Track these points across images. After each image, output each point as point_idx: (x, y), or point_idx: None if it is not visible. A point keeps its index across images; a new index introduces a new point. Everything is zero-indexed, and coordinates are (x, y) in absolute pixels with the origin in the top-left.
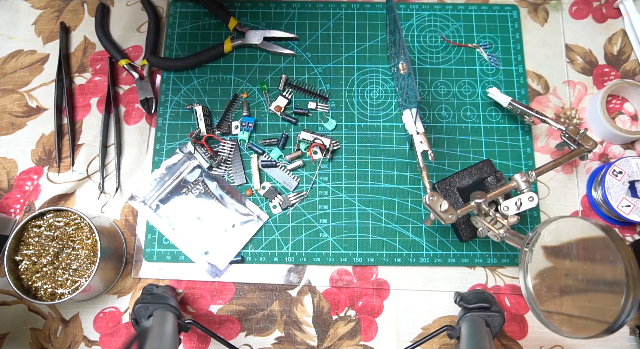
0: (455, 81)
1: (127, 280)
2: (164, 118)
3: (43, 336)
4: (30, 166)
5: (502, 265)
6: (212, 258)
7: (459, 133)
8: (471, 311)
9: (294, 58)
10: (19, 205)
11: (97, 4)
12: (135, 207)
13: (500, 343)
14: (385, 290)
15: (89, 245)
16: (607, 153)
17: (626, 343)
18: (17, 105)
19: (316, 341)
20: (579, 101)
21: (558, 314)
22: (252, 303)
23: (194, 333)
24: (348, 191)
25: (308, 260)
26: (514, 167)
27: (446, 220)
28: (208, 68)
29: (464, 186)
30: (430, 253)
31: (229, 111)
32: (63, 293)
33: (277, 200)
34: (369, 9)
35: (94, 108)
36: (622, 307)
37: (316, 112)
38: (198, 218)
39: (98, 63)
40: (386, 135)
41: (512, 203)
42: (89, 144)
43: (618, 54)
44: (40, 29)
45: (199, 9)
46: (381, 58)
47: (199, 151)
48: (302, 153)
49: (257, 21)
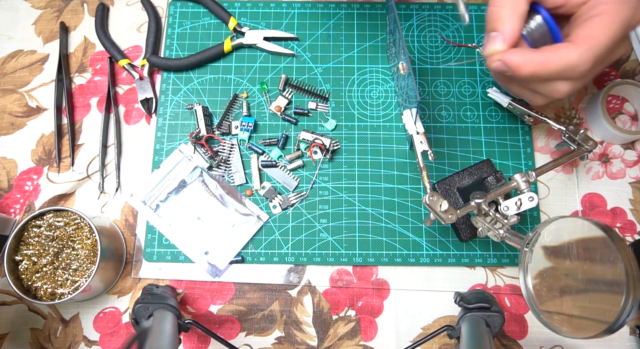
0: (455, 81)
1: (127, 280)
2: (164, 118)
3: (43, 336)
4: (30, 166)
5: (502, 265)
6: (212, 258)
7: (459, 133)
8: (471, 311)
9: (294, 58)
10: (19, 205)
11: (97, 4)
12: (135, 207)
13: (500, 343)
14: (385, 289)
15: (89, 245)
16: (607, 153)
17: (626, 343)
18: (17, 105)
19: (316, 341)
20: (579, 101)
21: (558, 315)
22: (252, 303)
23: (194, 333)
24: (348, 191)
25: (308, 260)
26: (514, 167)
27: (446, 220)
28: (208, 68)
29: (464, 186)
30: (430, 253)
31: (229, 111)
32: (63, 293)
33: (277, 200)
34: (369, 9)
35: (94, 108)
36: (622, 307)
37: (316, 112)
38: (198, 218)
39: (98, 63)
40: (386, 135)
41: (512, 203)
42: (89, 144)
43: None
44: (40, 29)
45: (199, 9)
46: (381, 58)
47: (199, 151)
48: (302, 153)
49: (257, 21)
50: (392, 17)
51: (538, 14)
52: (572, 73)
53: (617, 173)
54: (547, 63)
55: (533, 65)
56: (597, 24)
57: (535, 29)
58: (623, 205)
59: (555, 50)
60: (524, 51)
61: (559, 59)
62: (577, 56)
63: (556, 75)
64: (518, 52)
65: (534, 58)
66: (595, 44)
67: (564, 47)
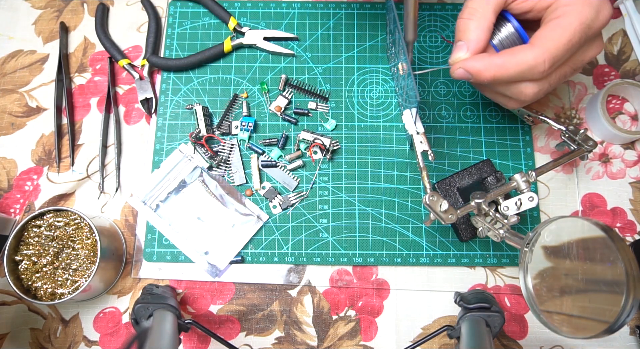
0: (455, 81)
1: (127, 280)
2: (164, 118)
3: (43, 336)
4: (30, 166)
5: (502, 265)
6: (212, 258)
7: (459, 133)
8: (471, 311)
9: (294, 58)
10: (19, 205)
11: (97, 4)
12: (135, 207)
13: (500, 343)
14: (385, 289)
15: (89, 245)
16: (607, 153)
17: (626, 343)
18: (17, 105)
19: (316, 341)
20: (579, 101)
21: (558, 315)
22: (252, 303)
23: (194, 333)
24: (348, 191)
25: (308, 260)
26: (514, 167)
27: (446, 220)
28: (208, 68)
29: (464, 186)
30: (430, 253)
31: (229, 111)
32: (63, 293)
33: (277, 200)
34: (369, 9)
35: (94, 108)
36: (622, 307)
37: (316, 112)
38: (198, 218)
39: (98, 63)
40: (386, 135)
41: (512, 203)
42: (89, 144)
43: (618, 54)
44: (40, 29)
45: (199, 9)
46: (381, 58)
47: (199, 151)
48: (302, 153)
49: (257, 21)
50: (392, 17)
51: (509, 22)
52: (532, 75)
53: (617, 173)
54: (505, 66)
55: (493, 69)
56: (555, 26)
57: (506, 37)
58: (623, 205)
59: (513, 53)
60: (484, 57)
61: (516, 61)
62: (533, 57)
63: (517, 77)
64: (479, 58)
65: (493, 62)
66: (552, 44)
67: (521, 49)
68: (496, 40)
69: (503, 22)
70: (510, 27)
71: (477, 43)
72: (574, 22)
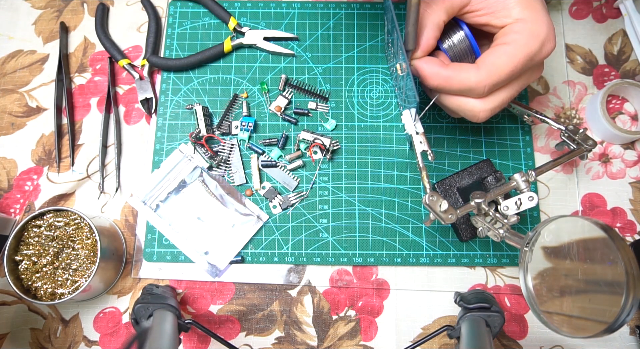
0: None
1: (127, 279)
2: (164, 118)
3: (43, 336)
4: (30, 166)
5: (502, 265)
6: (212, 258)
7: (459, 133)
8: (471, 311)
9: (294, 58)
10: (19, 205)
11: (97, 4)
12: (135, 207)
13: (500, 343)
14: (385, 289)
15: (89, 245)
16: (607, 153)
17: (626, 343)
18: (17, 105)
19: (316, 341)
20: (579, 101)
21: (558, 315)
22: (252, 303)
23: (194, 333)
24: (348, 191)
25: (308, 260)
26: (514, 167)
27: (446, 220)
28: (208, 68)
29: (464, 186)
30: (430, 253)
31: (229, 111)
32: (63, 293)
33: (277, 200)
34: (369, 9)
35: (94, 108)
36: (622, 307)
37: (316, 112)
38: (198, 218)
39: (98, 63)
40: (386, 135)
41: (512, 203)
42: (89, 144)
43: (618, 54)
44: (40, 29)
45: (199, 9)
46: (381, 58)
47: (199, 151)
48: (302, 153)
49: (257, 21)
50: (390, 17)
51: (461, 30)
52: (471, 94)
53: (617, 173)
54: (450, 81)
55: (439, 79)
56: (502, 53)
57: (457, 43)
58: (623, 205)
59: (459, 71)
60: (435, 64)
61: (459, 79)
62: (475, 80)
63: (458, 92)
64: (430, 63)
65: (440, 73)
66: (495, 71)
67: (466, 69)
68: (446, 45)
69: (457, 29)
70: (462, 34)
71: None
72: (519, 53)
